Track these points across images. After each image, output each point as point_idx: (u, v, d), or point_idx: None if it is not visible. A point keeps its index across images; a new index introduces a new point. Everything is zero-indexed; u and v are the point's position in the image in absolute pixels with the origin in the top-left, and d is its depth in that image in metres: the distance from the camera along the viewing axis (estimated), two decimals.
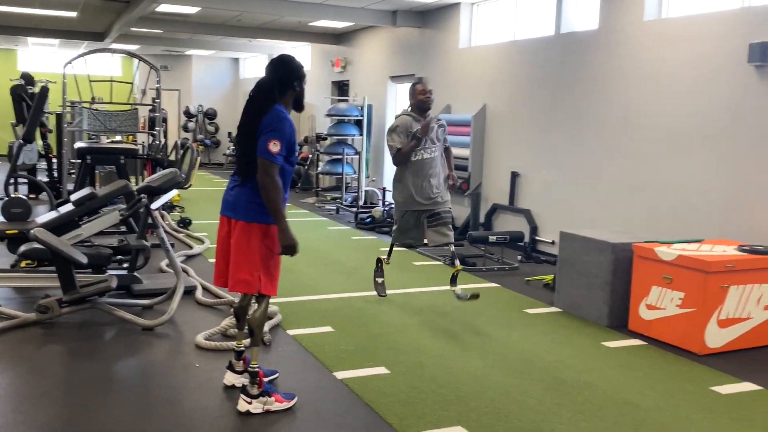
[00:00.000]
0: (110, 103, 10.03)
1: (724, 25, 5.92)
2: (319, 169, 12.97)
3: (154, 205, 5.36)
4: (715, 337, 4.78)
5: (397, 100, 11.94)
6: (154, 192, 5.49)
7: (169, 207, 9.86)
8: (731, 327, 4.83)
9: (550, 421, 3.61)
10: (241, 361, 3.93)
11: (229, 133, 18.98)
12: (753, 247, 5.10)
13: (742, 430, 3.59)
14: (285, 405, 3.63)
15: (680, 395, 4.04)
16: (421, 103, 5.51)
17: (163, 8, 10.81)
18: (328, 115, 12.18)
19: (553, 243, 7.83)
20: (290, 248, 3.49)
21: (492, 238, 7.65)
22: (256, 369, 3.62)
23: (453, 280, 5.49)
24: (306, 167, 14.18)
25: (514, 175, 8.57)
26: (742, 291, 4.85)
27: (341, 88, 13.90)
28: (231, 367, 3.93)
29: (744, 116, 5.75)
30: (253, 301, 3.78)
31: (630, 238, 5.49)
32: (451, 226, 5.58)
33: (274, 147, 3.45)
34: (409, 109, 5.57)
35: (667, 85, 6.46)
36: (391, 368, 4.26)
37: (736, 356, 4.76)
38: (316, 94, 14.07)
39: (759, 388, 4.18)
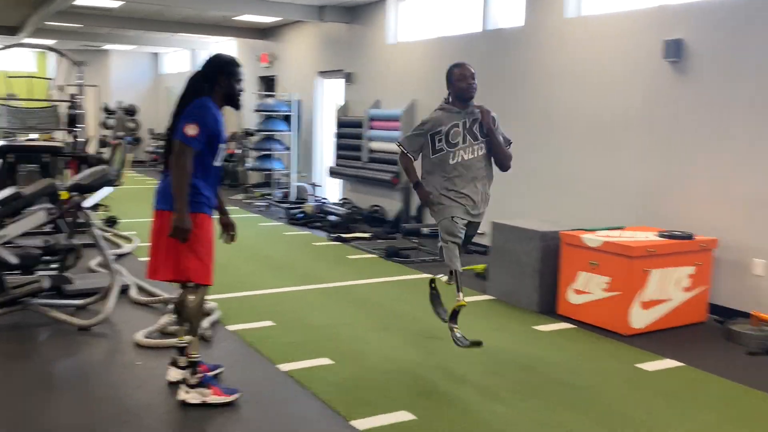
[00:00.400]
0: (28, 99, 9.67)
1: (640, 23, 6.23)
2: (248, 165, 12.87)
3: (87, 204, 5.24)
4: (639, 318, 5.06)
5: (326, 95, 11.96)
6: (84, 190, 5.36)
7: (93, 206, 9.58)
8: (653, 308, 5.12)
9: (491, 403, 3.77)
10: (184, 357, 3.91)
11: (151, 130, 18.53)
12: (671, 232, 5.42)
13: (667, 403, 3.84)
14: (224, 399, 3.62)
15: (609, 374, 4.27)
16: (461, 92, 4.41)
17: (83, 1, 10.48)
18: (256, 111, 12.10)
19: (483, 234, 8.04)
20: (182, 231, 3.44)
21: (424, 230, 7.81)
22: (196, 359, 3.61)
23: (454, 316, 4.35)
24: (233, 163, 14.03)
25: None
26: (663, 274, 5.15)
27: (268, 84, 13.82)
28: (174, 363, 3.91)
29: (660, 109, 6.08)
30: (190, 292, 3.73)
31: (557, 227, 5.74)
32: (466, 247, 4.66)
33: (190, 131, 3.46)
34: (448, 99, 4.50)
35: (589, 80, 6.75)
36: (334, 359, 4.33)
37: (658, 335, 5.05)
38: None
39: (680, 364, 4.46)
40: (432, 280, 4.86)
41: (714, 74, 5.63)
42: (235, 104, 3.74)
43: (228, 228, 3.96)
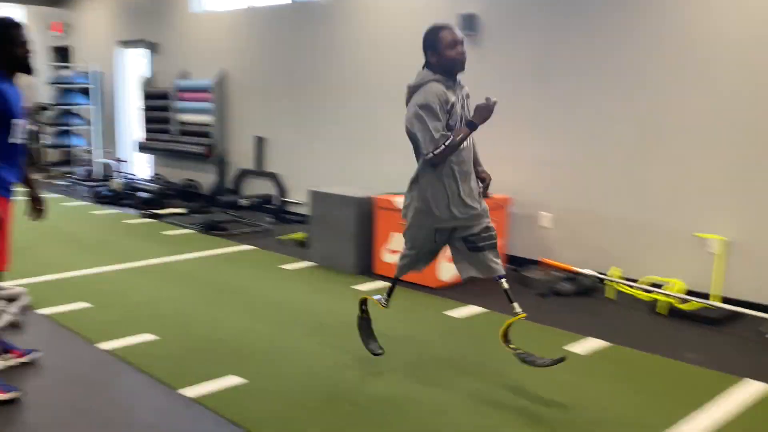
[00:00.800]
0: None
1: None
2: (44, 142, 12.00)
3: None
4: (446, 271, 5.52)
5: (129, 66, 11.41)
6: None
7: None
8: None
9: (317, 360, 3.98)
10: None
11: None
12: None
13: (472, 343, 4.28)
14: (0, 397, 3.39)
15: (421, 322, 4.66)
16: (451, 64, 3.45)
17: None
18: (51, 84, 11.28)
19: (301, 203, 8.23)
20: None
21: (242, 203, 7.83)
22: None
23: (506, 336, 3.63)
24: (27, 141, 12.99)
25: (260, 140, 8.80)
26: None
27: (63, 54, 12.88)
28: None
29: (463, 79, 6.55)
30: None
31: (371, 192, 6.05)
32: (497, 249, 3.70)
33: None
34: (428, 69, 3.53)
35: (393, 52, 7.10)
36: (159, 334, 4.31)
37: (463, 286, 5.53)
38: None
39: (483, 309, 4.96)
40: (363, 301, 3.99)
41: (504, 46, 6.19)
42: (26, 69, 3.48)
43: (36, 203, 3.78)
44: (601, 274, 5.40)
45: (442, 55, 3.43)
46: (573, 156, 5.81)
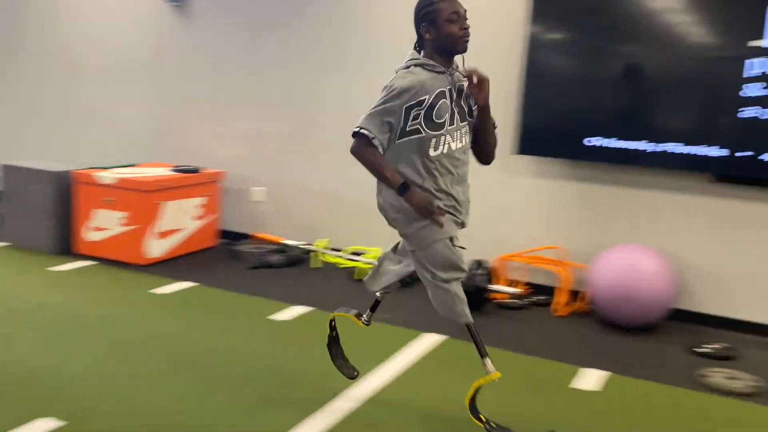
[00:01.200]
0: None
1: None
2: None
3: None
4: (155, 248, 5.41)
5: None
6: None
7: None
8: (168, 237, 5.52)
9: (8, 345, 3.67)
10: None
11: None
12: (182, 167, 5.86)
13: (176, 319, 4.27)
14: None
15: (125, 301, 4.52)
16: (452, 42, 2.72)
17: None
18: None
19: None
20: None
21: None
22: None
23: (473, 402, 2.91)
24: None
25: None
26: (176, 206, 5.56)
27: None
28: None
29: (167, 50, 6.39)
30: None
31: (71, 166, 5.68)
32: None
33: None
34: (419, 49, 2.82)
35: (100, 19, 6.68)
36: None
37: (173, 262, 5.48)
38: None
39: (193, 284, 4.96)
40: (332, 319, 3.30)
41: (214, 19, 6.15)
42: None
43: None
44: (309, 245, 5.69)
45: (440, 30, 2.72)
46: (282, 132, 6.01)
